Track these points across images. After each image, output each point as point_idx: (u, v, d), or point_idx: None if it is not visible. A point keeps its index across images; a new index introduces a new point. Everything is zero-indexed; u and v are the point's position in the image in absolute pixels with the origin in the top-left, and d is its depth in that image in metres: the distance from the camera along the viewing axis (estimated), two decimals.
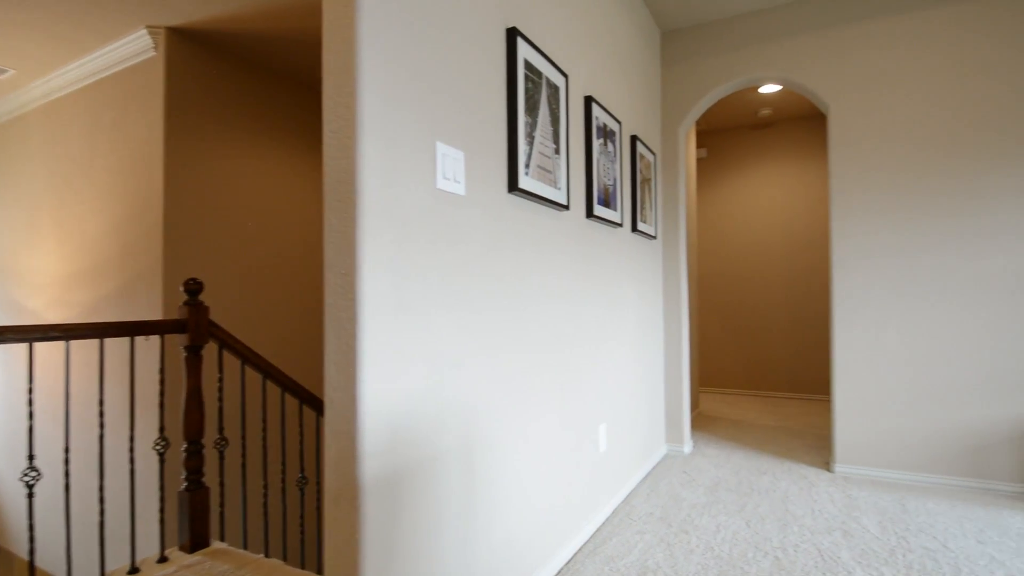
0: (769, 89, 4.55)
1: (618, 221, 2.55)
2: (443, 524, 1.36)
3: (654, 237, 3.20)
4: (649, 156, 3.14)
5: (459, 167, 1.44)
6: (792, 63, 3.16)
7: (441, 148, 1.37)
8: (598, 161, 2.33)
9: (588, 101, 2.25)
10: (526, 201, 1.79)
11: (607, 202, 2.42)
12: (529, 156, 1.75)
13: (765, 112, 5.10)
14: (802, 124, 5.27)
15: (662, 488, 2.76)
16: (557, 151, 1.95)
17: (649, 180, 3.14)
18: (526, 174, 1.72)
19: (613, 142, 2.53)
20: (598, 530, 2.28)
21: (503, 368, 1.64)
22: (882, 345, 2.93)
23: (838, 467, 3.00)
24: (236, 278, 3.35)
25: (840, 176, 3.05)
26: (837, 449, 3.01)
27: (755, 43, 3.24)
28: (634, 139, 2.83)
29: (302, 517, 2.22)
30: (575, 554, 2.07)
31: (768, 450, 3.44)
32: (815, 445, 3.56)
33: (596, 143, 2.32)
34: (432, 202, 1.35)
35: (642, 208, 2.96)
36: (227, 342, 2.02)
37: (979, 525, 2.28)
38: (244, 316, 3.40)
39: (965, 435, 2.75)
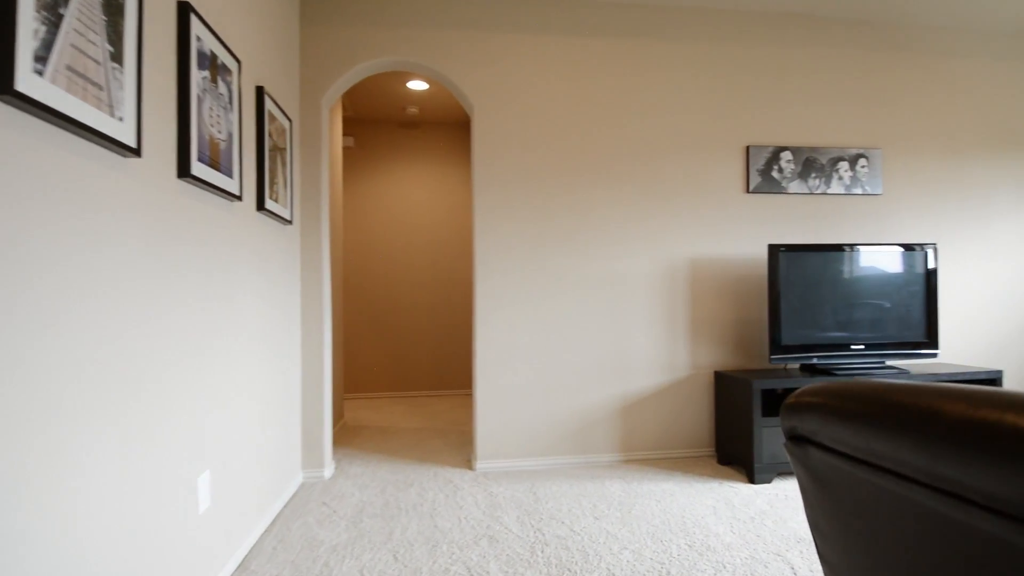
0: (417, 86, 4.49)
1: (235, 192, 1.90)
2: None
3: (289, 222, 2.62)
4: (284, 121, 2.55)
5: None
6: (443, 56, 3.06)
7: None
8: (200, 100, 1.65)
9: (184, 8, 1.56)
10: (39, 122, 1.02)
11: (216, 163, 1.75)
12: (49, 44, 0.99)
13: (412, 110, 5.07)
14: (448, 129, 5.45)
15: (295, 533, 2.21)
16: (117, 58, 1.22)
17: (284, 150, 2.55)
18: (38, 72, 0.97)
19: (228, 84, 1.87)
20: None
21: None
22: (516, 341, 3.08)
23: (479, 464, 3.02)
24: None
25: (481, 179, 3.09)
26: (478, 445, 3.03)
27: (409, 26, 3.02)
28: (261, 91, 2.21)
29: None
30: None
31: (415, 456, 3.27)
32: (458, 442, 3.57)
33: (198, 75, 1.63)
34: None
35: (272, 182, 2.36)
36: None
37: (592, 500, 2.52)
38: None
39: (576, 418, 3.11)
